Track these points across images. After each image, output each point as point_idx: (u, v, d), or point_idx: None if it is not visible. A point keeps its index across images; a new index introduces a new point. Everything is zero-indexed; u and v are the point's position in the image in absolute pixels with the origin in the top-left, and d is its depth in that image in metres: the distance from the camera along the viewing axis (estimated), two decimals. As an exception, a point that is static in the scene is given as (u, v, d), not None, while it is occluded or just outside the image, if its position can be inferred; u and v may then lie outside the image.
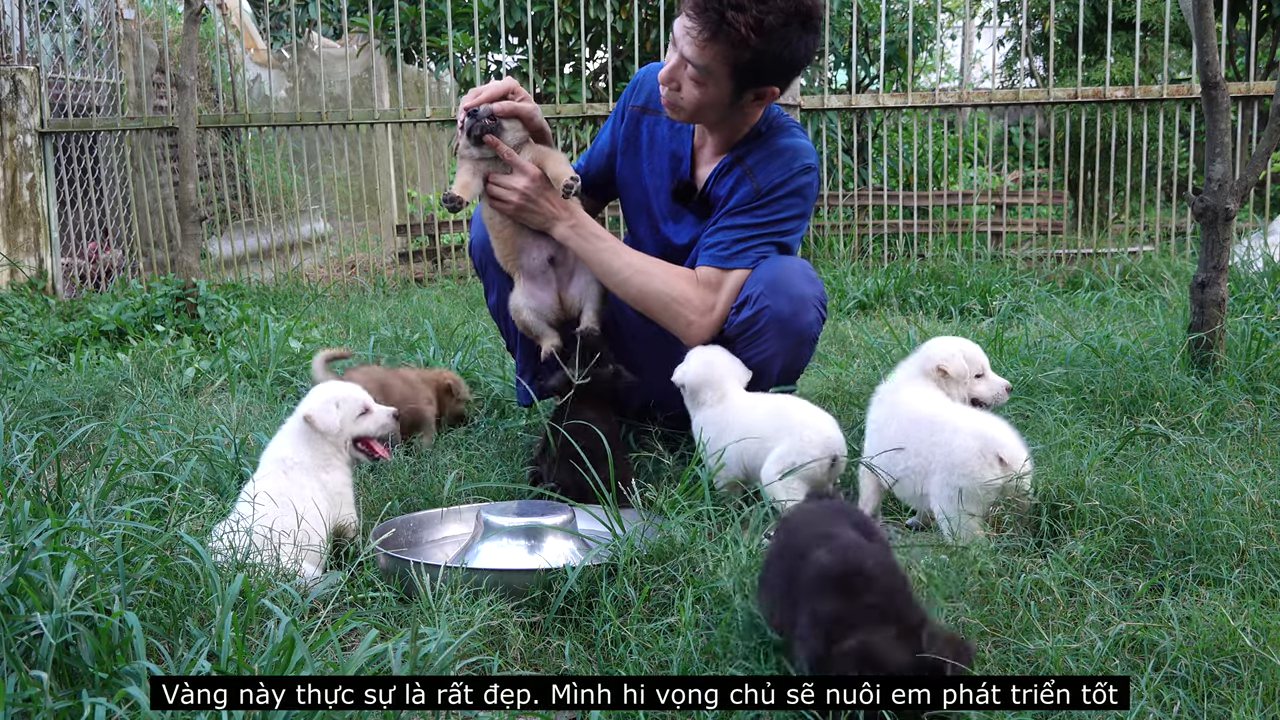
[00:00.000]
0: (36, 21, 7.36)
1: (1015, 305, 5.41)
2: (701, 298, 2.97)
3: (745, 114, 3.01)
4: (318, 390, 2.69)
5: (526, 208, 2.99)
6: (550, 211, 3.00)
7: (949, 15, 14.76)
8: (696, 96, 2.88)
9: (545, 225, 3.03)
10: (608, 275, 3.03)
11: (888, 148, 8.81)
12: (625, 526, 2.35)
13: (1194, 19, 3.57)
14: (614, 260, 3.02)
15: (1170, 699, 1.78)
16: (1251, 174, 3.58)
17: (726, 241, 2.98)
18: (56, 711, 1.65)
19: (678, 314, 2.97)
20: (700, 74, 2.84)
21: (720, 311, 2.97)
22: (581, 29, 7.31)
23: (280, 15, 10.68)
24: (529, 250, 3.09)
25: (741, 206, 2.99)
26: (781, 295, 2.89)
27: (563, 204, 3.00)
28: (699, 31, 2.78)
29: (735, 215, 3.00)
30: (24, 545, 1.90)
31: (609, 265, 3.02)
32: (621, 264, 3.01)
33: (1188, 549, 2.28)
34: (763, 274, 2.94)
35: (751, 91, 2.90)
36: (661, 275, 3.01)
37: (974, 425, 2.47)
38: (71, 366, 4.61)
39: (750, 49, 2.77)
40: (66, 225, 7.44)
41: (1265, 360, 3.47)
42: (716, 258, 2.98)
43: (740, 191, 3.00)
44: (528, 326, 3.14)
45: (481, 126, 2.95)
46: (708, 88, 2.86)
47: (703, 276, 2.99)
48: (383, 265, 7.92)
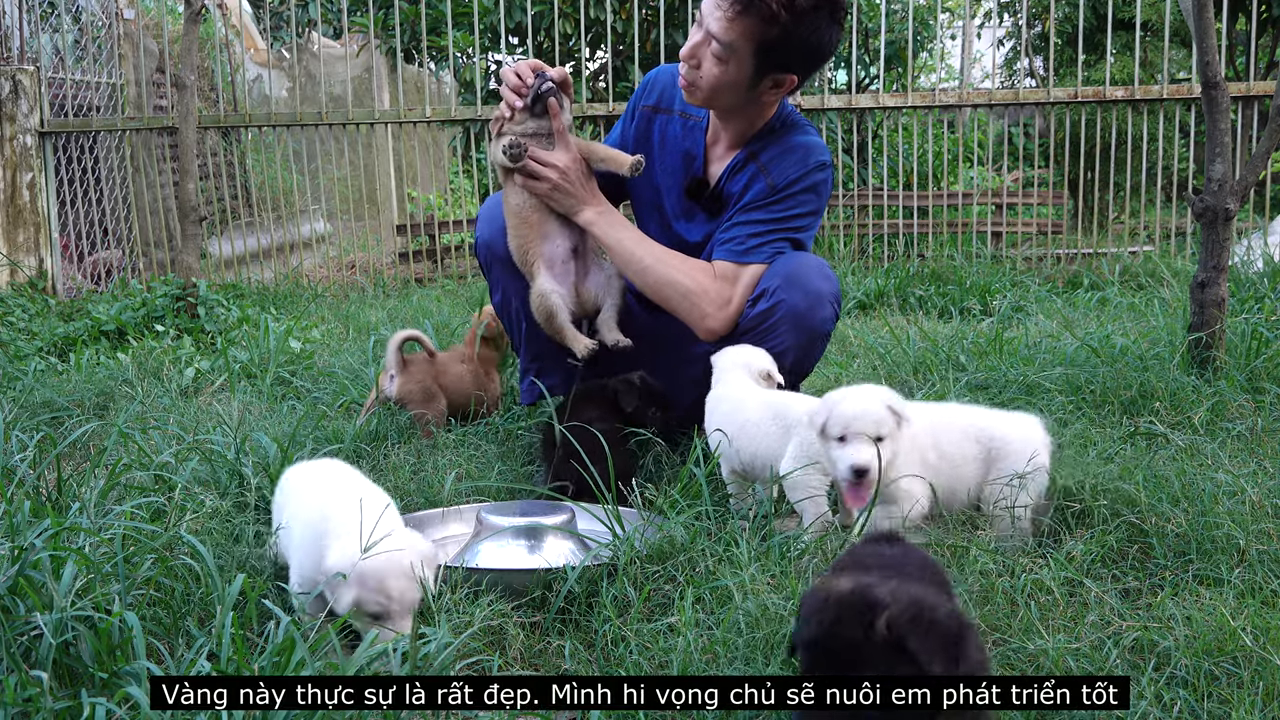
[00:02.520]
0: (36, 21, 7.36)
1: (1015, 305, 5.41)
2: (719, 291, 2.98)
3: (761, 104, 3.03)
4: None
5: (561, 187, 3.00)
6: (582, 195, 3.02)
7: (949, 15, 14.75)
8: (716, 75, 2.90)
9: (573, 209, 3.03)
10: (629, 263, 3.04)
11: (888, 148, 8.80)
12: (625, 526, 2.35)
13: (1194, 19, 3.57)
14: (636, 249, 3.03)
15: (1170, 699, 1.78)
16: (1251, 174, 3.58)
17: (742, 236, 3.00)
18: (56, 711, 1.65)
19: (694, 306, 2.98)
20: (724, 51, 2.86)
21: (736, 305, 2.98)
22: (581, 29, 7.31)
23: (280, 15, 10.68)
24: (554, 238, 3.07)
25: (757, 202, 3.01)
26: (798, 290, 2.91)
27: (593, 190, 3.03)
28: (729, 5, 2.81)
29: (751, 211, 3.02)
30: (24, 545, 1.90)
31: (631, 253, 3.03)
32: (643, 253, 3.03)
33: (1188, 549, 2.28)
34: (780, 268, 2.96)
35: (771, 77, 2.92)
36: (681, 267, 3.02)
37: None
38: (71, 366, 4.61)
39: (779, 26, 2.79)
40: (66, 225, 7.44)
41: (1265, 360, 3.47)
42: (733, 252, 3.00)
43: (755, 187, 3.02)
44: (552, 315, 3.06)
45: (548, 89, 2.96)
46: (729, 66, 2.88)
47: (719, 270, 3.01)
48: (383, 265, 7.91)
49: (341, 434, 3.27)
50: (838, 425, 2.32)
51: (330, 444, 3.15)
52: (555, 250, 3.07)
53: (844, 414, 2.31)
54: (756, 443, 2.64)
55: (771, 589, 2.10)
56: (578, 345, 3.06)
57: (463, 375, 3.66)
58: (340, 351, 4.66)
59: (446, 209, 9.37)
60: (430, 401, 3.51)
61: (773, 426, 2.62)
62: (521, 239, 3.08)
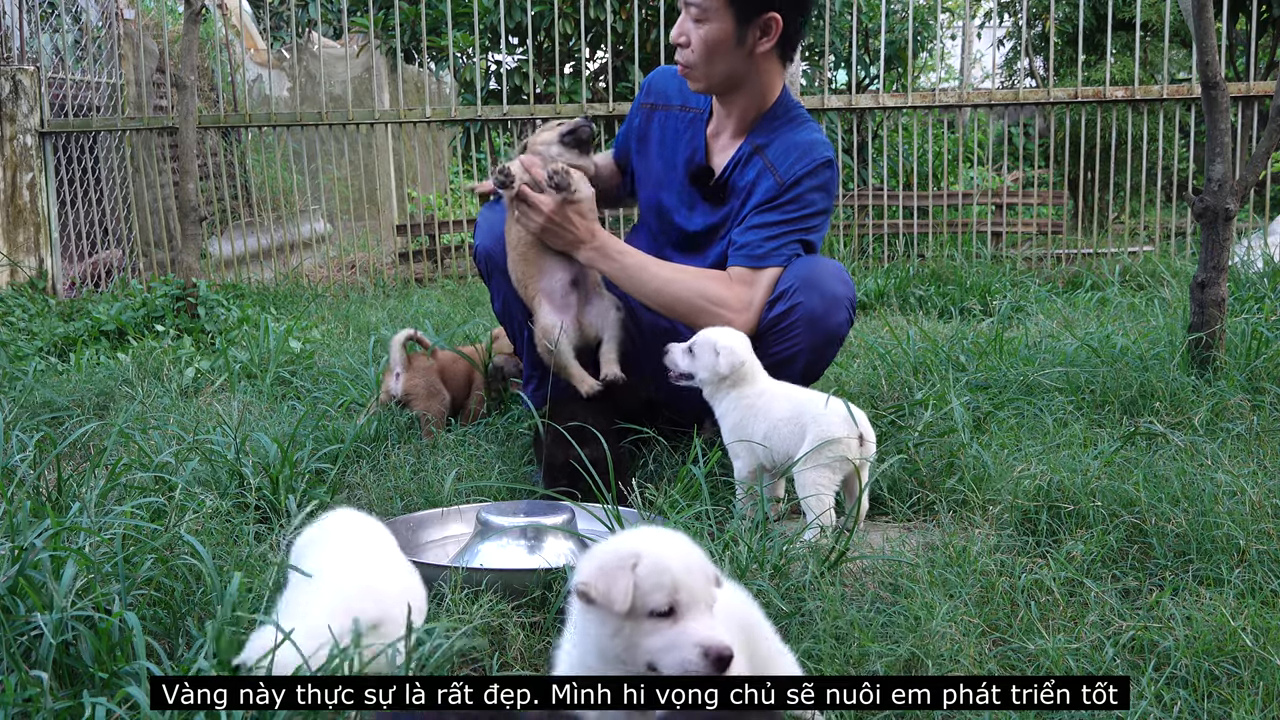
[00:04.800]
0: (36, 21, 7.36)
1: (1015, 305, 5.41)
2: (737, 295, 2.98)
3: (759, 69, 3.04)
4: None
5: (550, 228, 2.98)
6: (574, 235, 3.00)
7: (949, 15, 14.75)
8: (703, 39, 2.95)
9: (569, 248, 3.03)
10: (638, 290, 3.03)
11: (888, 148, 8.80)
12: (625, 526, 2.35)
13: (1194, 19, 3.57)
14: (642, 275, 3.02)
15: (1170, 699, 1.78)
16: (1251, 174, 3.58)
17: (757, 240, 3.01)
18: (56, 711, 1.65)
19: (716, 315, 2.96)
20: (700, 11, 2.93)
21: (758, 308, 2.98)
22: (581, 29, 7.31)
23: (280, 15, 10.68)
24: (553, 272, 3.07)
25: (768, 202, 3.02)
26: (815, 292, 2.93)
27: (587, 227, 3.00)
28: None
29: (764, 212, 3.03)
30: (24, 545, 1.90)
31: (638, 280, 3.02)
32: (649, 277, 3.01)
33: (1188, 549, 2.28)
34: (797, 271, 2.97)
35: (755, 26, 2.96)
36: (693, 282, 3.01)
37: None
38: (71, 366, 4.61)
39: None
40: (66, 225, 7.44)
41: (1265, 360, 3.47)
42: (750, 257, 3.01)
43: (764, 184, 3.03)
44: (561, 354, 3.05)
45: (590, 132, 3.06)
46: (711, 26, 2.93)
47: (736, 275, 3.01)
48: (383, 265, 7.92)
49: (342, 434, 3.27)
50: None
51: (330, 444, 3.15)
52: (555, 285, 3.07)
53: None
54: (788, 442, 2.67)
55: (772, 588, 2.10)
56: (583, 386, 3.05)
57: (459, 375, 3.74)
58: (340, 351, 4.66)
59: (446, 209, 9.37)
60: (433, 398, 3.56)
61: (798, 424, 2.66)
62: (521, 273, 3.10)
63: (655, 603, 1.46)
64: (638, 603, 1.46)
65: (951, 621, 1.97)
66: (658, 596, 1.46)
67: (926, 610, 2.00)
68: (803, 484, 2.58)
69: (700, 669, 1.46)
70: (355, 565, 1.92)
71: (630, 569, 1.47)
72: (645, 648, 1.49)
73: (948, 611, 2.00)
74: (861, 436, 2.60)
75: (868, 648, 1.91)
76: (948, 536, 2.41)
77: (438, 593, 2.18)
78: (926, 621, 1.97)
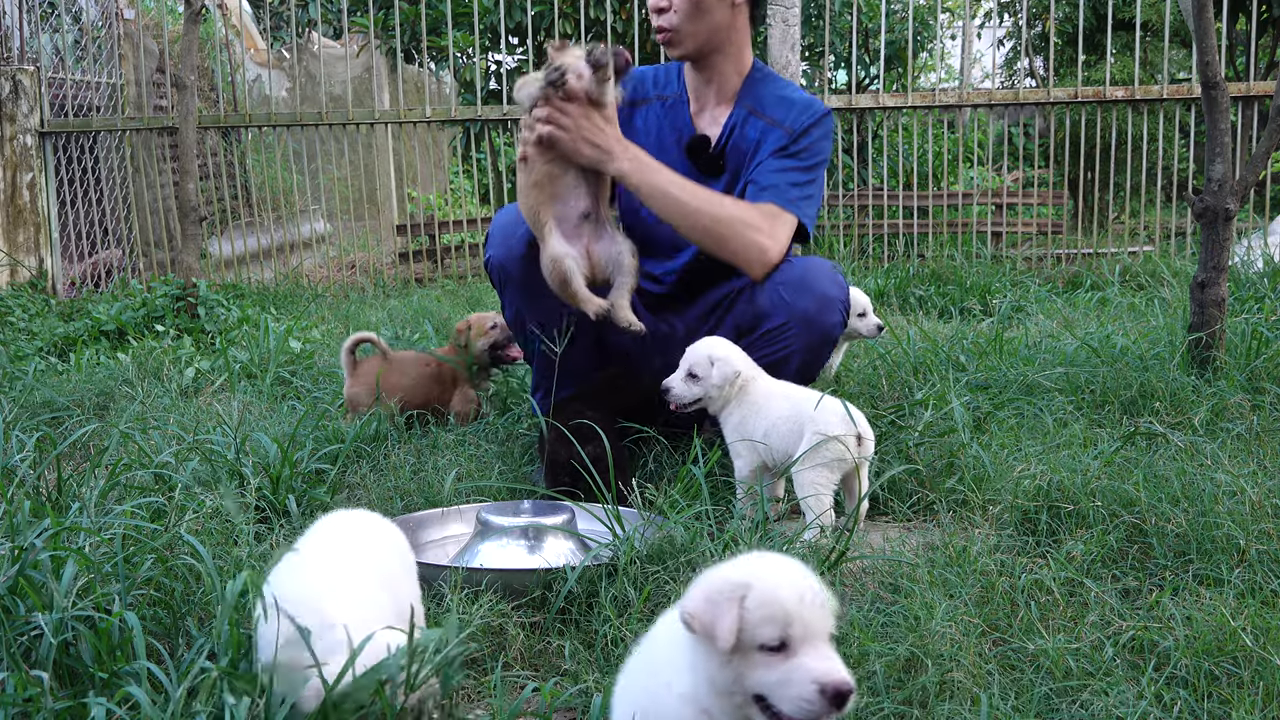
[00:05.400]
0: (36, 21, 7.36)
1: (1015, 305, 5.41)
2: (772, 227, 2.97)
3: (736, 25, 3.09)
4: None
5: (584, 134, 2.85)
6: (606, 142, 2.87)
7: (949, 15, 14.75)
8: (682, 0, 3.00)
9: (602, 159, 2.88)
10: (675, 208, 2.93)
11: (888, 148, 8.80)
12: (625, 526, 2.35)
13: (1194, 19, 3.57)
14: (680, 193, 2.93)
15: (1170, 699, 1.78)
16: (1251, 174, 3.58)
17: (783, 185, 3.02)
18: (57, 712, 1.65)
19: (753, 240, 2.92)
20: None
21: (783, 244, 2.98)
22: (581, 29, 7.31)
23: (280, 15, 10.68)
24: (568, 199, 2.92)
25: (782, 150, 3.05)
26: (808, 294, 2.92)
27: (617, 135, 2.90)
28: None
29: (781, 158, 3.05)
30: (24, 545, 1.90)
31: (676, 199, 2.93)
32: (689, 195, 2.93)
33: (1188, 549, 2.28)
34: (791, 272, 2.96)
35: None
36: (730, 203, 2.99)
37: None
38: (71, 366, 4.61)
39: None
40: (66, 225, 7.44)
41: (1265, 360, 3.46)
42: (781, 198, 3.00)
43: (773, 136, 3.07)
44: (566, 280, 2.91)
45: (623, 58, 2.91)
46: None
47: (767, 211, 2.99)
48: (383, 265, 7.92)
49: (341, 434, 3.27)
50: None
51: (330, 444, 3.15)
52: (569, 212, 2.93)
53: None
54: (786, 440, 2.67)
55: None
56: (590, 306, 2.91)
57: (420, 378, 3.65)
58: (340, 351, 4.65)
59: (446, 209, 9.37)
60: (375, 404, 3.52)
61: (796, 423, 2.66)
62: (534, 201, 2.94)
63: (765, 636, 1.38)
64: (745, 636, 1.39)
65: (951, 621, 1.97)
66: (768, 630, 1.38)
67: (926, 610, 2.00)
68: (801, 484, 2.59)
69: (818, 708, 1.37)
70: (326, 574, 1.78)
71: (738, 600, 1.39)
72: (755, 680, 1.40)
73: (947, 611, 2.00)
74: (860, 435, 2.60)
75: (867, 647, 1.91)
76: (948, 536, 2.41)
77: (438, 593, 2.18)
78: (926, 621, 1.97)
